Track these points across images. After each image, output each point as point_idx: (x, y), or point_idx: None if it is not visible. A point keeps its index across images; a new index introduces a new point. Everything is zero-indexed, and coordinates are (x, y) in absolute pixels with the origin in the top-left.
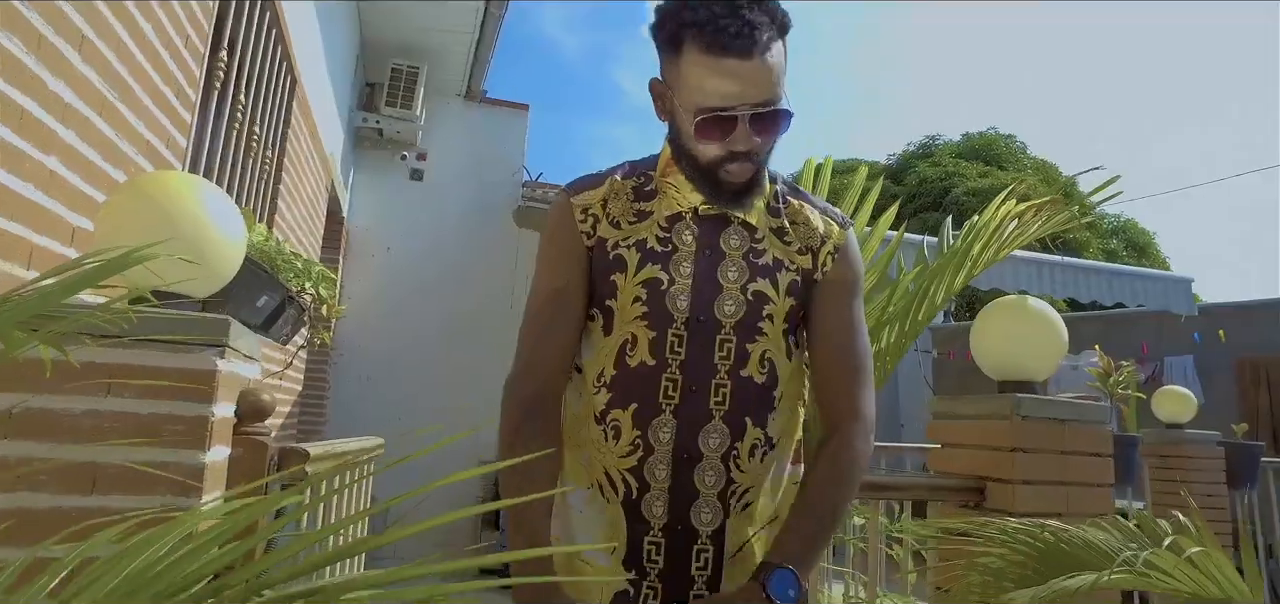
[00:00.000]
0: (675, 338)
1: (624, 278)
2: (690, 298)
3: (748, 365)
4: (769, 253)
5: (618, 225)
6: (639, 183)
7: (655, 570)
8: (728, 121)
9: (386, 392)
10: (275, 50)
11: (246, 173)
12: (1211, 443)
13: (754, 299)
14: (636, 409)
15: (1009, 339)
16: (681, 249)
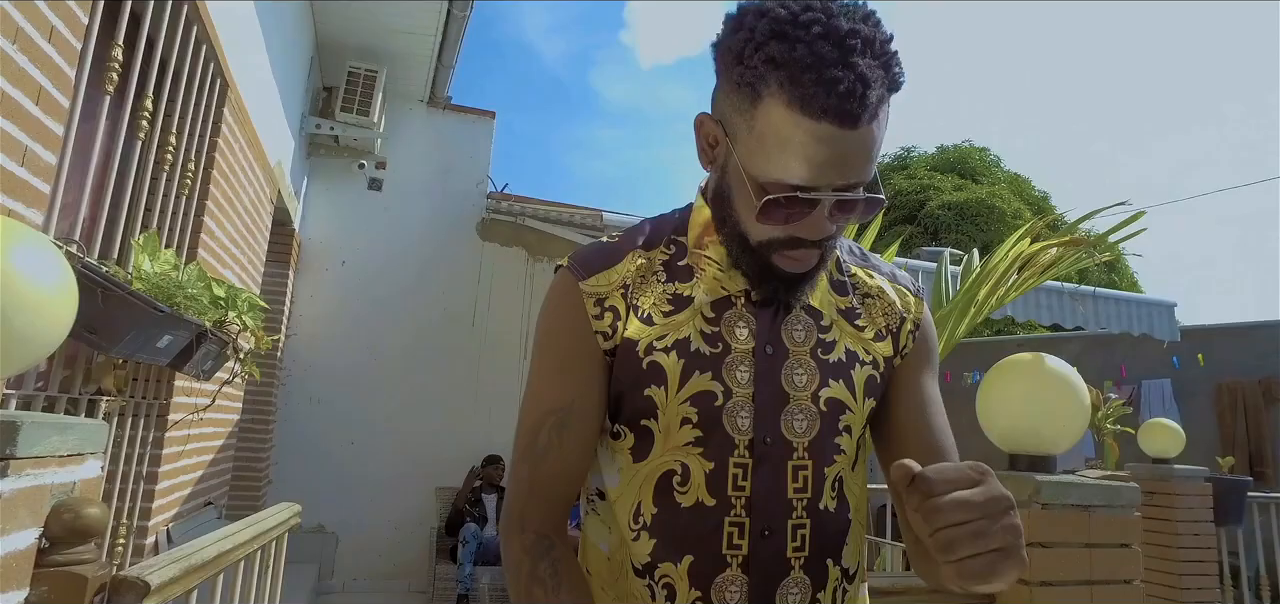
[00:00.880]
0: (738, 469)
1: (664, 393)
2: (752, 415)
3: (824, 494)
4: (840, 344)
5: (649, 320)
6: (670, 255)
7: None
8: (805, 205)
9: (339, 413)
10: (198, 49)
11: (159, 191)
12: (1199, 479)
13: (829, 408)
14: (693, 563)
15: (1026, 407)
16: (736, 348)
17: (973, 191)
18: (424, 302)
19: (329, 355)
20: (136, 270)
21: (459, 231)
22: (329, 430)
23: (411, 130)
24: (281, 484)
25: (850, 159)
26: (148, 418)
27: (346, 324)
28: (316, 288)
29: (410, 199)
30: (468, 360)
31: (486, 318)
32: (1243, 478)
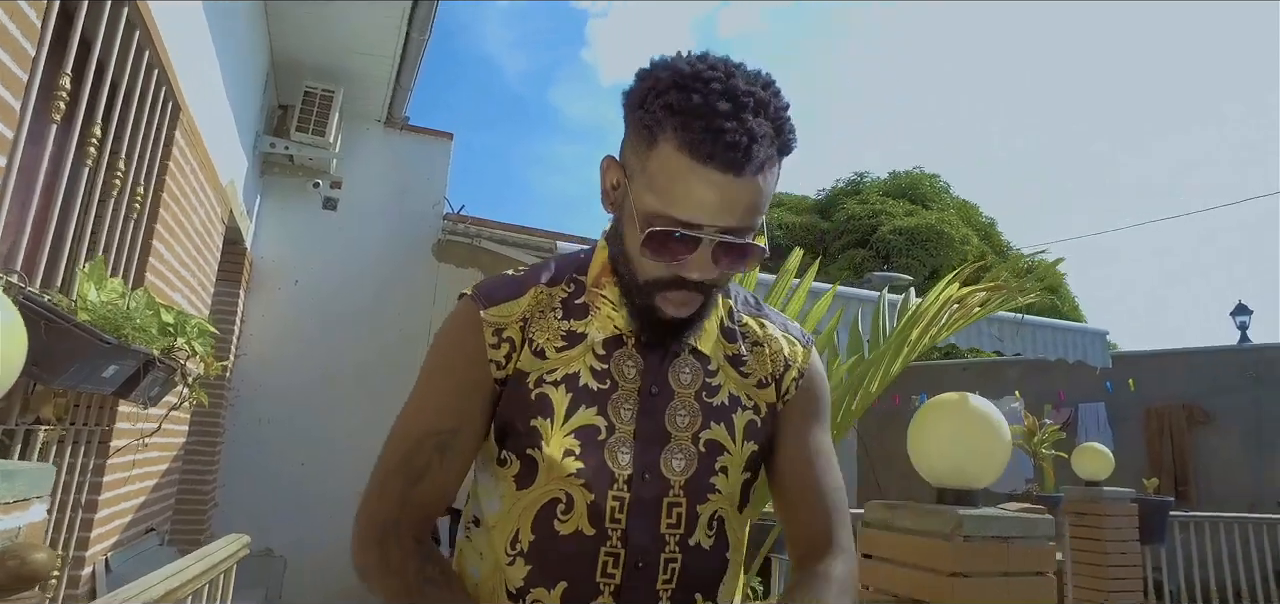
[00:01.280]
0: (616, 502)
1: (550, 424)
2: (633, 451)
3: (696, 532)
4: (725, 389)
5: (542, 354)
6: (569, 292)
7: None
8: (687, 243)
9: (289, 434)
10: (149, 74)
11: (106, 216)
12: (1126, 500)
13: (707, 449)
14: (567, 589)
15: (952, 445)
16: (623, 386)
17: (923, 217)
18: (379, 322)
19: (280, 376)
20: (82, 300)
21: (415, 252)
22: (279, 452)
23: (368, 150)
24: (228, 508)
25: (733, 205)
26: (88, 445)
27: (299, 344)
28: (268, 307)
29: (366, 219)
30: None
31: None
32: (1166, 499)
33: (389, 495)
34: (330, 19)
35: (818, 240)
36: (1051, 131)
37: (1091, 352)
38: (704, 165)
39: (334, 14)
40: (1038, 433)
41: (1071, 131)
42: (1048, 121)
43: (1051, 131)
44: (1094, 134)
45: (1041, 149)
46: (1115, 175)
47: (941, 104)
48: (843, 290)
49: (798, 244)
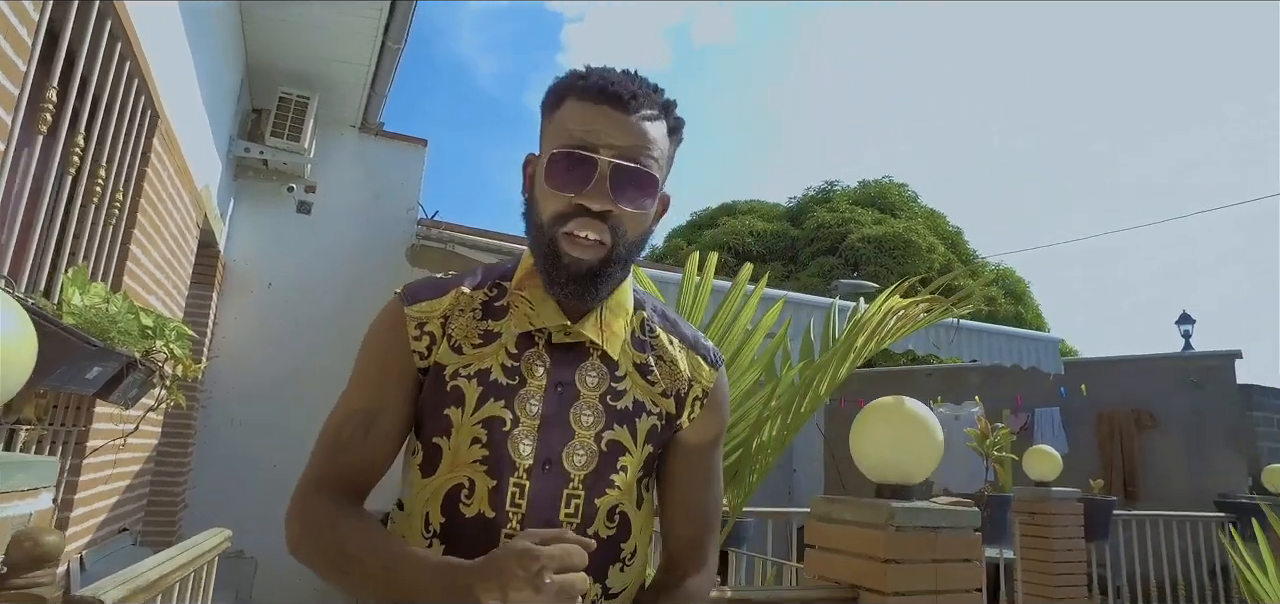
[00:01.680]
0: (516, 488)
1: (461, 414)
2: (536, 443)
3: (595, 521)
4: (630, 394)
5: (459, 349)
6: (490, 295)
7: None
8: (585, 164)
9: (259, 439)
10: (129, 84)
11: (87, 223)
12: (1072, 499)
13: (608, 449)
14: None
15: (886, 444)
16: (530, 382)
17: (891, 226)
18: (352, 324)
19: (253, 378)
20: (66, 304)
21: (388, 256)
22: (251, 453)
23: (342, 155)
24: (198, 508)
25: (624, 131)
26: (66, 446)
27: (272, 346)
28: (241, 310)
29: (340, 223)
30: None
31: None
32: (1109, 499)
33: (314, 465)
34: (306, 27)
35: (788, 248)
36: (1051, 131)
37: (1045, 358)
38: (595, 103)
39: (310, 22)
40: (990, 436)
41: (1071, 131)
42: (1048, 121)
43: (1051, 131)
44: (1094, 134)
45: (1042, 149)
46: (1115, 175)
47: (941, 104)
48: (800, 297)
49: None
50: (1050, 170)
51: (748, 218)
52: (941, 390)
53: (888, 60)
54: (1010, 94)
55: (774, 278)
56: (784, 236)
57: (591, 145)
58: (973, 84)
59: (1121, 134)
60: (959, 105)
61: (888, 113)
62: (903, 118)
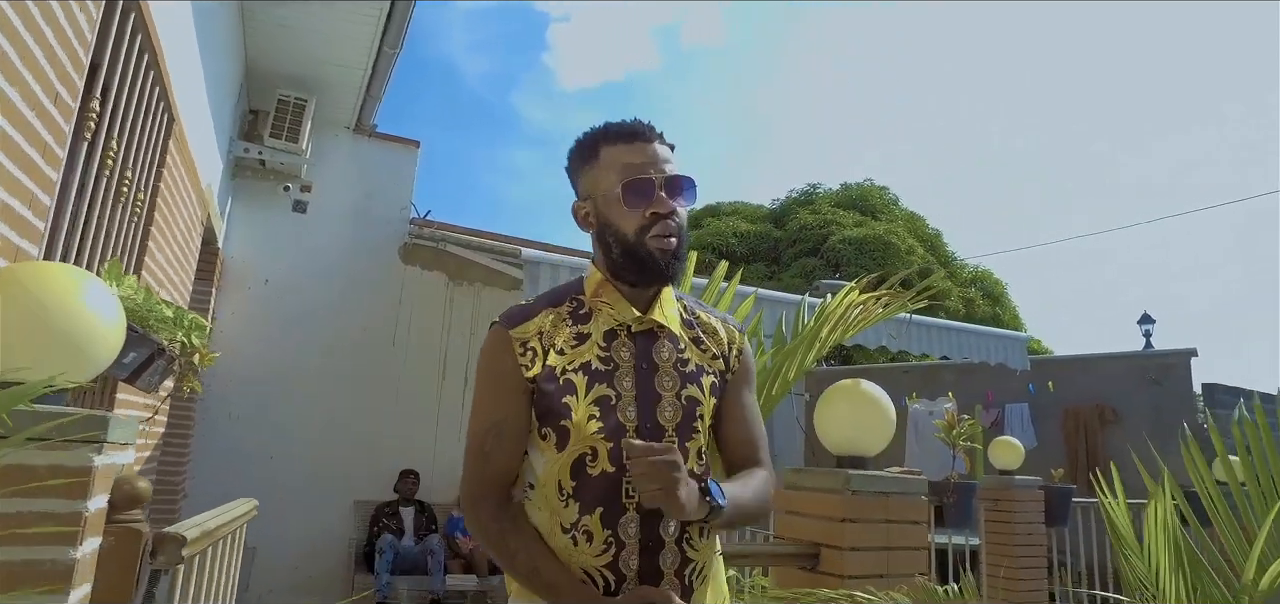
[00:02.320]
0: None
1: (576, 400)
2: (636, 409)
3: (688, 459)
4: (692, 360)
5: (563, 352)
6: (574, 307)
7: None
8: (646, 184)
9: (256, 430)
10: (152, 91)
11: (115, 220)
12: (1033, 487)
13: (688, 403)
14: (603, 512)
15: (846, 421)
16: (622, 365)
17: (872, 228)
18: (346, 321)
19: (249, 372)
20: None
21: (381, 255)
22: (247, 446)
23: (337, 155)
24: (197, 498)
25: (657, 157)
26: None
27: (268, 341)
28: (238, 305)
29: (334, 222)
30: (388, 379)
31: (407, 339)
32: (1069, 487)
33: (473, 478)
34: (306, 31)
35: (771, 249)
36: (1051, 131)
37: (1012, 355)
38: (630, 143)
39: (310, 27)
40: (957, 426)
41: (1071, 131)
42: (1048, 121)
43: (1051, 131)
44: (1094, 134)
45: (1042, 149)
46: (1115, 175)
47: (941, 104)
48: (778, 295)
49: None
50: (1050, 170)
51: (732, 219)
52: (917, 387)
53: (877, 62)
54: (1009, 94)
55: (757, 278)
56: (767, 238)
57: (644, 170)
58: (966, 85)
59: (1121, 134)
60: (953, 107)
61: (876, 115)
62: (890, 120)
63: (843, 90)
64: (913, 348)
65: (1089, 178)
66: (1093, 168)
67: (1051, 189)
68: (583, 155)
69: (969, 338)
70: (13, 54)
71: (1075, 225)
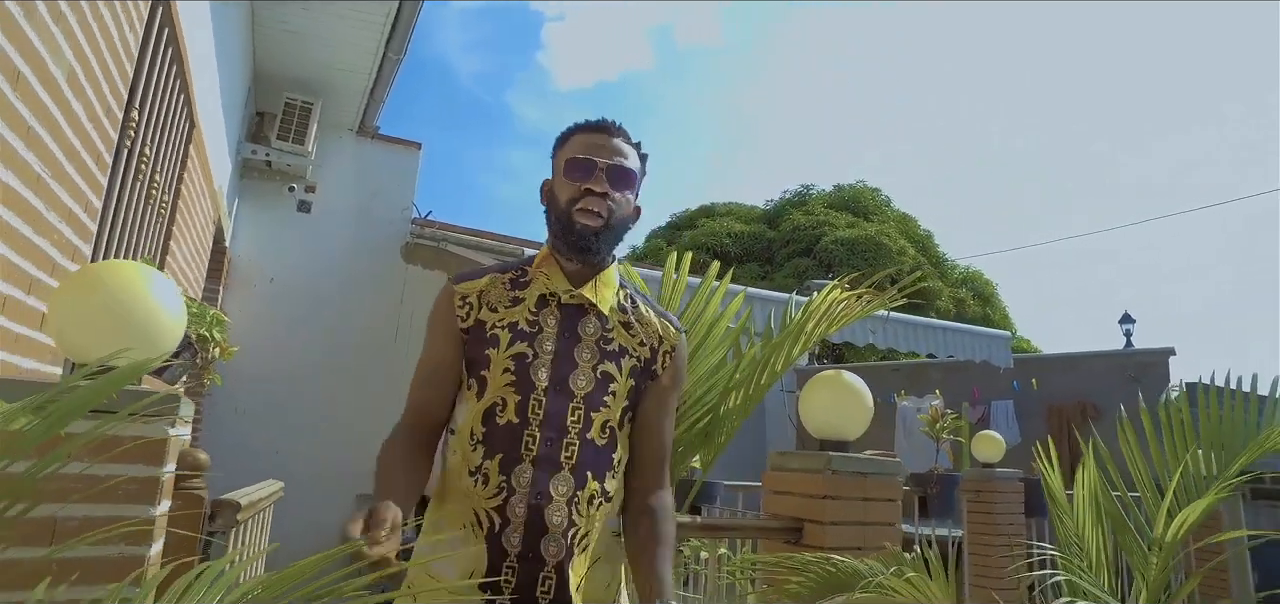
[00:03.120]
0: (536, 402)
1: (496, 352)
2: (550, 371)
3: (592, 429)
4: (617, 341)
5: (495, 309)
6: (516, 276)
7: (508, 590)
8: (588, 164)
9: (262, 425)
10: (178, 98)
11: (145, 218)
12: (1013, 479)
13: (601, 378)
14: (502, 458)
15: (827, 407)
16: (546, 330)
17: (864, 229)
18: (349, 319)
19: (255, 368)
20: None
21: (384, 254)
22: (254, 440)
23: (341, 157)
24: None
25: (610, 150)
26: None
27: (274, 339)
28: (245, 303)
29: (338, 222)
30: (391, 375)
31: (408, 336)
32: None
33: (406, 411)
34: (313, 38)
35: (765, 249)
36: (1052, 131)
37: (995, 352)
38: (592, 134)
39: (317, 34)
40: (940, 421)
41: (1071, 131)
42: (1048, 121)
43: (1052, 131)
44: (1094, 134)
45: (1042, 149)
46: (1115, 175)
47: (941, 104)
48: (768, 294)
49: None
50: (1050, 170)
51: (726, 220)
52: (905, 385)
53: (875, 63)
54: (1009, 94)
55: (750, 278)
56: (760, 238)
57: (593, 155)
58: (966, 86)
59: (1121, 134)
60: (953, 107)
61: (873, 116)
62: (888, 121)
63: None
64: (900, 345)
65: (1089, 178)
66: (1093, 168)
67: (1051, 189)
68: (557, 143)
69: (954, 336)
70: (78, 70)
71: (1071, 226)
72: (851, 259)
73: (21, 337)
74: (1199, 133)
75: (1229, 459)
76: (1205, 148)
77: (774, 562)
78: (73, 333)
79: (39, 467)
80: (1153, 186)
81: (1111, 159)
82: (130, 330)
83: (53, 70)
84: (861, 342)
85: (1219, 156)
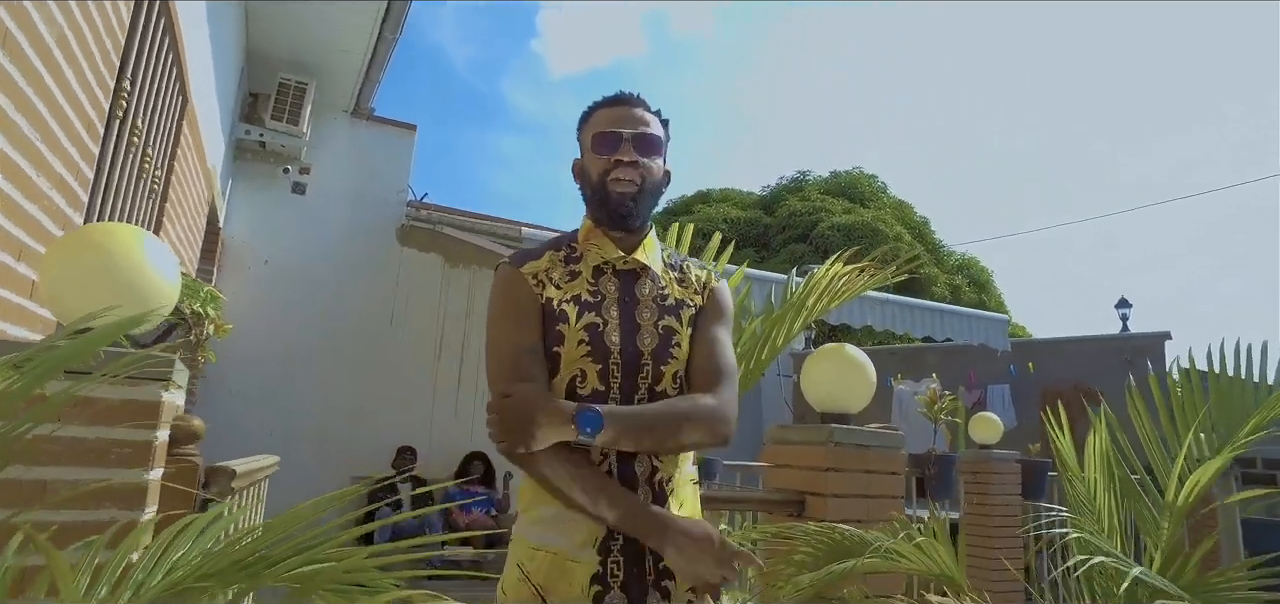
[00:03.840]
0: (614, 366)
1: (568, 327)
2: (619, 336)
3: (662, 382)
4: (672, 295)
5: (559, 286)
6: (568, 252)
7: (618, 546)
8: (614, 137)
9: (257, 407)
10: (171, 73)
11: (137, 193)
12: (1010, 460)
13: (664, 332)
14: None
15: (830, 380)
16: (608, 297)
17: (860, 215)
18: (344, 301)
19: (250, 350)
20: None
21: (379, 236)
22: (248, 422)
23: (336, 139)
24: None
25: (634, 119)
26: None
27: (268, 321)
28: (239, 285)
29: (333, 204)
30: (386, 358)
31: (404, 318)
32: (1044, 460)
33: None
34: (309, 17)
35: (761, 235)
36: (1052, 131)
37: (992, 336)
38: (613, 107)
39: (313, 13)
40: (938, 402)
41: (1071, 131)
42: (1048, 121)
43: (1052, 131)
44: (1094, 134)
45: (1042, 149)
46: (1115, 175)
47: (941, 104)
48: (766, 275)
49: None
50: (1050, 170)
51: (722, 206)
52: (902, 369)
53: (872, 60)
54: (1010, 93)
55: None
56: (757, 224)
57: (617, 127)
58: (963, 82)
59: (1122, 134)
60: (952, 104)
61: (868, 112)
62: (885, 117)
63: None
64: (897, 327)
65: (1089, 177)
66: (1093, 167)
67: (1051, 189)
68: (582, 121)
69: (952, 319)
70: (69, 35)
71: (1066, 217)
72: (847, 245)
73: (12, 304)
74: (1199, 133)
75: (1240, 420)
76: (1205, 148)
77: (777, 533)
78: (66, 294)
79: (14, 426)
80: (1153, 187)
81: (1111, 159)
82: (124, 291)
83: (43, 32)
84: (858, 323)
85: (1219, 156)
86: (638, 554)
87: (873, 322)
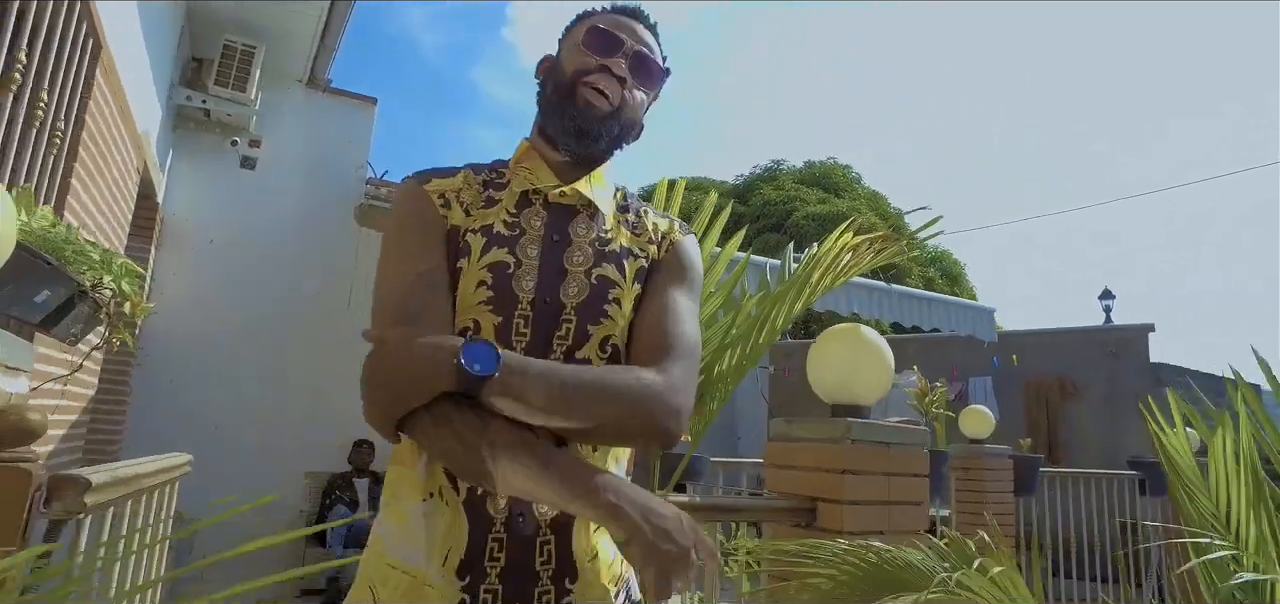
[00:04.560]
0: (521, 320)
1: (467, 262)
2: (536, 280)
3: (586, 347)
4: (617, 241)
5: (468, 212)
6: (491, 176)
7: (496, 570)
8: (615, 40)
9: (200, 398)
10: (72, 4)
11: (28, 143)
12: (1003, 456)
13: (598, 283)
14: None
15: (843, 366)
16: (528, 233)
17: (835, 205)
18: (298, 284)
19: (193, 335)
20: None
21: (336, 215)
22: (190, 413)
23: (289, 110)
24: None
25: (636, 34)
26: None
27: (213, 304)
28: (181, 266)
29: (286, 180)
30: (342, 344)
31: (362, 302)
32: (1036, 456)
33: (399, 343)
34: None
35: (734, 224)
36: (1052, 131)
37: (979, 326)
38: (619, 16)
39: None
40: (929, 395)
41: (1071, 131)
42: (1048, 121)
43: (1052, 131)
44: (1094, 134)
45: (1042, 149)
46: (1115, 175)
47: (941, 103)
48: (756, 260)
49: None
50: (1050, 170)
51: (694, 195)
52: None
53: (870, 60)
54: (1010, 93)
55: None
56: (732, 215)
57: (621, 33)
58: (971, 83)
59: (1122, 134)
60: (959, 103)
61: (867, 111)
62: (878, 116)
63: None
64: (885, 316)
65: (1089, 177)
66: (1093, 167)
67: (1051, 188)
68: (579, 17)
69: (939, 308)
70: None
71: (1059, 212)
72: (822, 235)
73: None
74: (1199, 133)
75: None
76: (1205, 147)
77: (795, 550)
78: None
79: None
80: (1153, 186)
81: (1111, 159)
82: None
83: None
84: (845, 311)
85: (1219, 156)
86: (524, 578)
87: (860, 309)
